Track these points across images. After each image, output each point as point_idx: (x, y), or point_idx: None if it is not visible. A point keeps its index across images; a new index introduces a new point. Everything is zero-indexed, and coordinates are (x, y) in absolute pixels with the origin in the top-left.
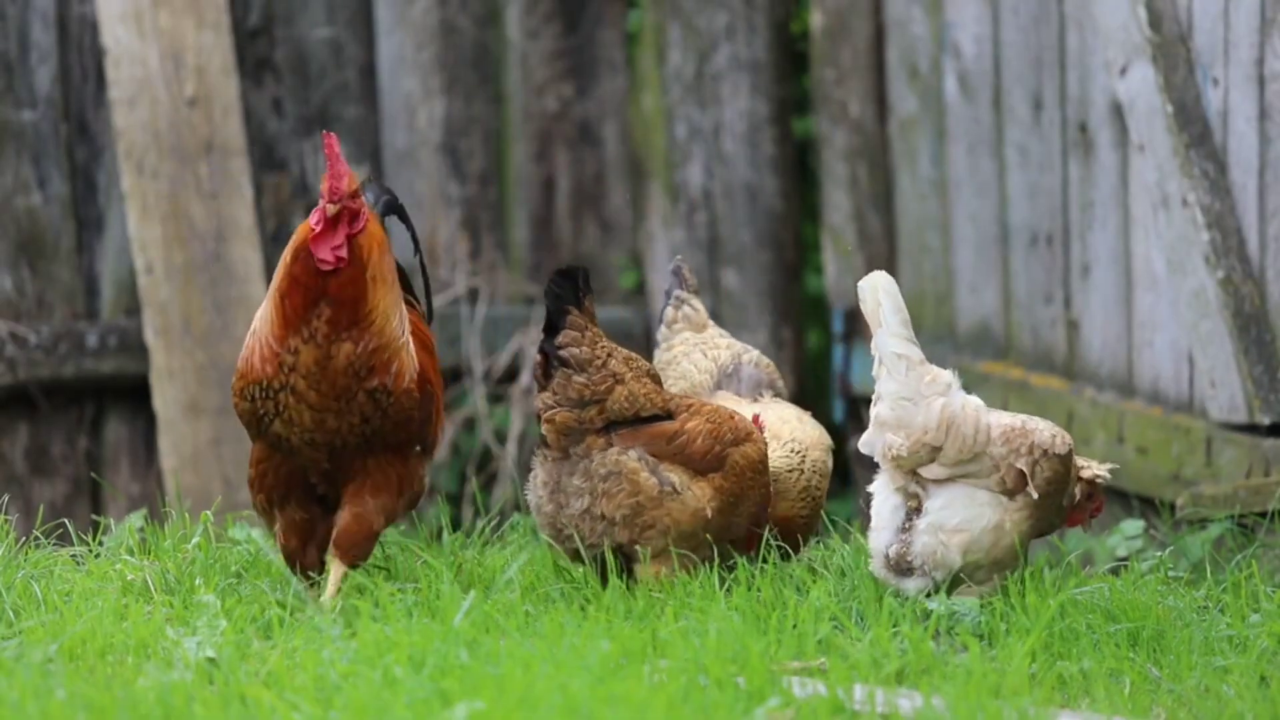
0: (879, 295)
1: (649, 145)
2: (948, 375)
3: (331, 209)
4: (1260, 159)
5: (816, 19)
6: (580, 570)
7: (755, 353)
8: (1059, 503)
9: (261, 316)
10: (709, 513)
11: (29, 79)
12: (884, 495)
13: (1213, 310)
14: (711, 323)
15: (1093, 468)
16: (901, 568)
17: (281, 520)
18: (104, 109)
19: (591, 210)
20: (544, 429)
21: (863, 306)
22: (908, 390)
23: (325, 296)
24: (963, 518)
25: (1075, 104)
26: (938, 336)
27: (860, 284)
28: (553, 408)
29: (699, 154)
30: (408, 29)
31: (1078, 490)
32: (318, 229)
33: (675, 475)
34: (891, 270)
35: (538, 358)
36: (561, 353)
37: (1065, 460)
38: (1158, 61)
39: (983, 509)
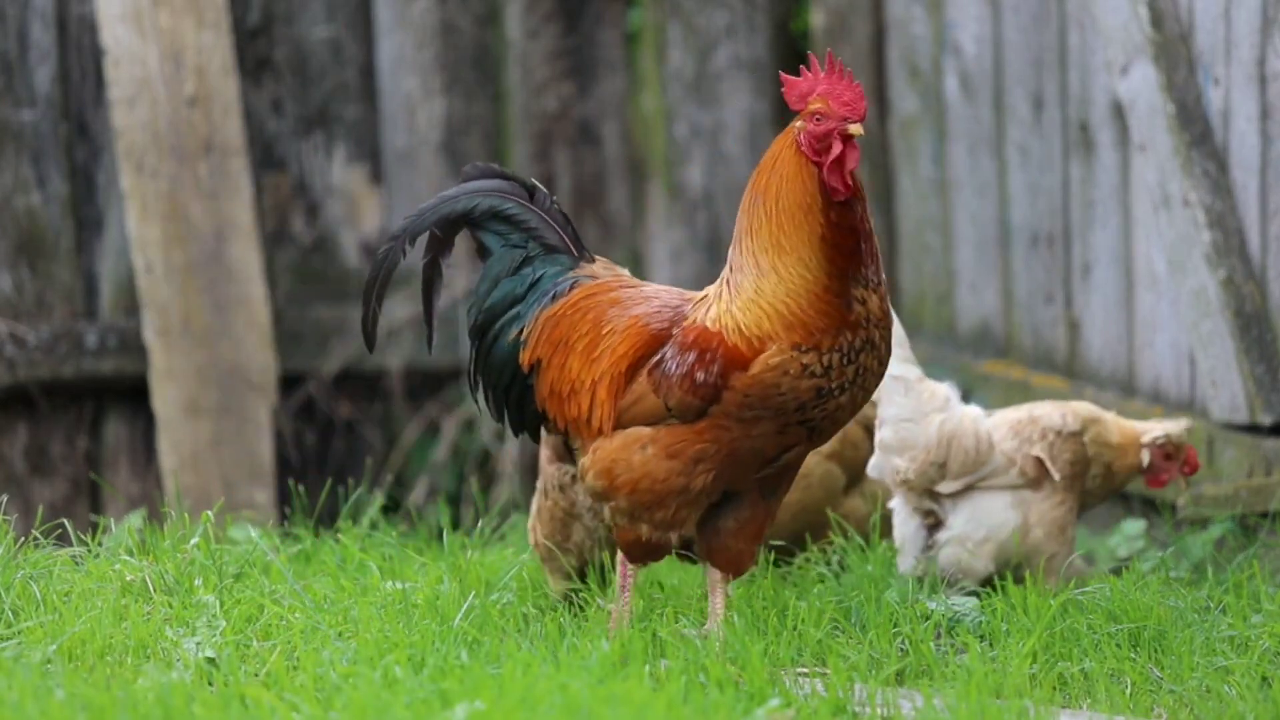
0: None
1: (649, 145)
2: (945, 389)
3: (857, 129)
4: (1261, 158)
5: (817, 18)
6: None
7: None
8: (1093, 475)
9: (777, 270)
10: None
11: (28, 79)
12: (903, 517)
13: (1214, 310)
14: None
15: (1152, 431)
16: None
17: (678, 540)
18: (104, 109)
19: (591, 210)
20: None
21: None
22: (908, 411)
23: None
24: (988, 529)
25: (1076, 103)
26: (938, 337)
27: None
28: None
29: (699, 154)
30: (408, 29)
31: (1144, 456)
32: (835, 153)
33: None
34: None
35: None
36: None
37: (1081, 435)
38: (1159, 61)
39: (1006, 514)
